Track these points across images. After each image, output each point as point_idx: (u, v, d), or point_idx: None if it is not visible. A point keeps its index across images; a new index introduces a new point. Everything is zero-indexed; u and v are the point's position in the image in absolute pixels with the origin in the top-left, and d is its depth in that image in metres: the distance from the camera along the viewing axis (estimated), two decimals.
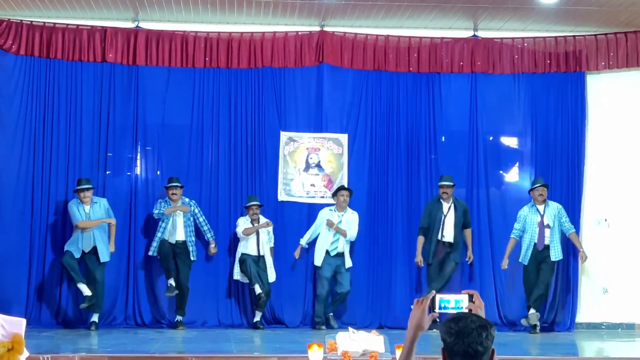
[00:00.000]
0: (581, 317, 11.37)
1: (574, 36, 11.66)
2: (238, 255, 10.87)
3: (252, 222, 10.86)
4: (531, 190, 10.88)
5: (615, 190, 11.58)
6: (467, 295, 3.49)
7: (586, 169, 11.60)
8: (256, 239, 10.83)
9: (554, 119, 11.64)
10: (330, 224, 10.85)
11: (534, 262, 10.72)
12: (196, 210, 10.85)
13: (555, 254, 10.70)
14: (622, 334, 11.04)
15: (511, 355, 7.85)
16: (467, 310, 3.42)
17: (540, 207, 10.79)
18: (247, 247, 10.83)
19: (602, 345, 10.00)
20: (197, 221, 10.87)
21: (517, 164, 11.74)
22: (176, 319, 10.75)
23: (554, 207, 10.83)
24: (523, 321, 10.68)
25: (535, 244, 10.70)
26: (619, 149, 11.64)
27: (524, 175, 11.66)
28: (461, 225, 10.87)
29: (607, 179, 11.61)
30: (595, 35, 11.63)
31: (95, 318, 10.45)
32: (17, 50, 11.07)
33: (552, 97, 11.66)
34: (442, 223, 10.79)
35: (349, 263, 10.95)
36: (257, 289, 10.59)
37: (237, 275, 10.90)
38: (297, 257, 11.05)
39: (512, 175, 11.77)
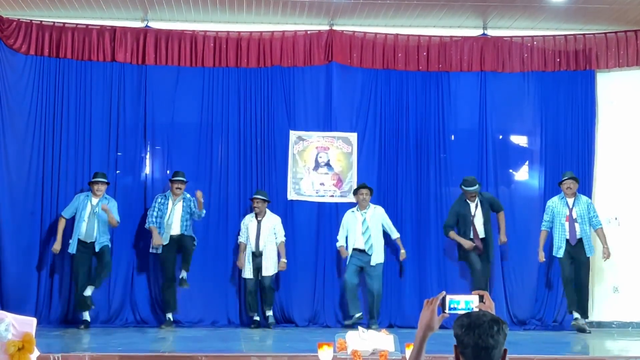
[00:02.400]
0: (592, 316, 11.31)
1: (583, 34, 11.63)
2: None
3: (255, 215, 10.87)
4: (560, 183, 10.85)
5: (625, 188, 11.55)
6: (477, 296, 3.50)
7: (596, 168, 11.58)
8: (256, 234, 10.83)
9: (564, 118, 11.61)
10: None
11: (568, 257, 10.67)
12: (193, 206, 10.79)
13: (590, 249, 10.66)
14: (632, 332, 11.01)
15: (522, 354, 7.84)
16: (477, 310, 3.42)
17: (570, 200, 10.75)
18: (248, 243, 10.83)
19: (613, 344, 9.96)
20: (192, 211, 10.84)
21: (526, 163, 11.72)
22: (181, 275, 10.70)
23: (584, 201, 10.79)
24: (573, 324, 10.61)
25: (567, 239, 10.67)
26: (629, 148, 11.61)
27: (533, 173, 11.64)
28: (489, 218, 10.84)
29: (617, 178, 11.57)
30: (605, 33, 11.60)
31: (87, 317, 10.46)
32: (27, 50, 11.10)
33: (561, 96, 11.64)
34: (472, 224, 10.80)
35: (374, 260, 10.79)
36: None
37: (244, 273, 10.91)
38: (344, 257, 10.95)
39: (522, 174, 11.75)
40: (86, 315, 10.47)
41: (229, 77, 11.42)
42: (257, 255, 10.82)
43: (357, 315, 10.60)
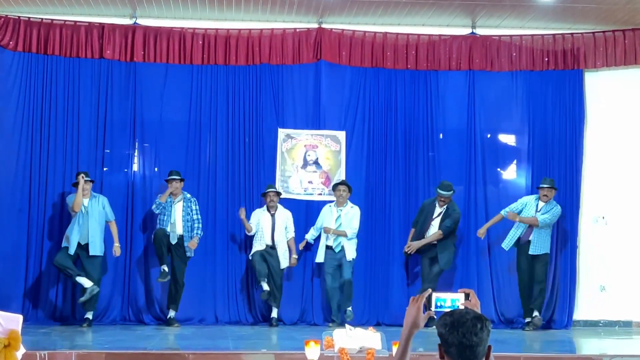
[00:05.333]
0: (578, 314, 11.38)
1: (572, 34, 11.67)
2: (252, 251, 10.89)
3: (268, 209, 10.87)
4: (538, 187, 10.89)
5: (613, 187, 11.58)
6: (463, 294, 3.50)
7: (584, 167, 11.61)
8: (271, 228, 10.83)
9: (552, 117, 11.64)
10: (327, 231, 10.85)
11: (523, 253, 10.79)
12: (194, 207, 10.81)
13: (534, 249, 10.72)
14: (619, 331, 11.06)
15: (508, 352, 7.85)
16: (460, 308, 3.43)
17: (540, 204, 10.79)
18: (261, 237, 10.81)
19: (600, 343, 10.00)
20: (192, 217, 10.81)
21: (514, 162, 11.74)
22: (169, 315, 10.68)
23: (551, 206, 10.83)
24: (528, 327, 10.67)
25: (520, 236, 10.76)
26: (617, 147, 11.65)
27: (521, 172, 11.67)
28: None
29: (605, 177, 11.61)
30: (593, 33, 11.63)
31: (89, 315, 10.42)
32: (14, 46, 11.05)
33: (550, 95, 11.66)
34: (428, 225, 10.86)
35: (349, 255, 10.87)
36: (264, 286, 10.61)
37: None
38: (300, 249, 11.04)
39: (510, 173, 11.77)
40: (89, 314, 10.43)
41: (218, 75, 11.40)
42: (270, 249, 10.83)
43: (349, 309, 10.65)
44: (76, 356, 7.44)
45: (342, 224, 10.88)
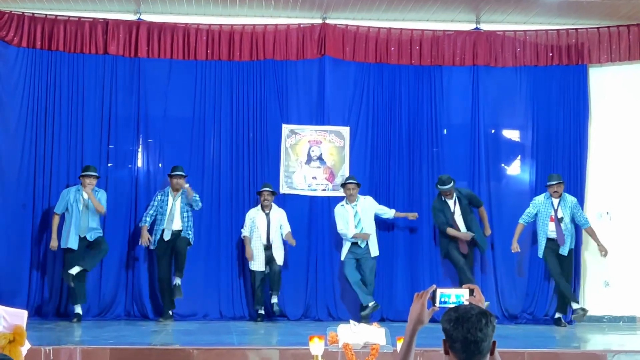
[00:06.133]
0: None
1: (576, 29, 11.65)
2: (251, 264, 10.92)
3: (262, 208, 10.87)
4: (547, 186, 10.87)
5: (617, 183, 11.57)
6: (467, 290, 3.50)
7: (588, 162, 11.59)
8: (266, 227, 10.83)
9: (556, 112, 11.63)
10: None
11: (552, 253, 10.74)
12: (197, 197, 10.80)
13: (564, 249, 10.73)
14: (623, 327, 11.04)
15: (512, 348, 7.85)
16: (465, 304, 3.42)
17: (555, 201, 10.78)
18: (258, 237, 10.80)
19: (604, 338, 9.99)
20: (188, 209, 10.80)
21: (518, 157, 11.74)
22: (174, 283, 10.61)
23: (569, 200, 10.83)
24: (575, 317, 10.72)
25: (549, 238, 10.73)
26: (621, 142, 11.63)
27: (525, 168, 11.66)
28: (469, 212, 10.86)
29: (610, 172, 11.60)
30: (597, 28, 11.61)
31: (78, 309, 10.41)
32: (19, 42, 11.06)
33: (554, 90, 11.65)
34: (453, 221, 10.82)
35: (374, 252, 10.87)
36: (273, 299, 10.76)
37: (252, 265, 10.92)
38: (366, 238, 10.90)
39: (514, 169, 11.76)
40: (78, 309, 10.44)
41: (222, 71, 11.40)
42: (267, 248, 10.84)
43: (372, 304, 10.59)
44: (81, 351, 7.45)
45: (361, 218, 10.87)
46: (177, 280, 10.61)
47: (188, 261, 10.77)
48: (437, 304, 3.47)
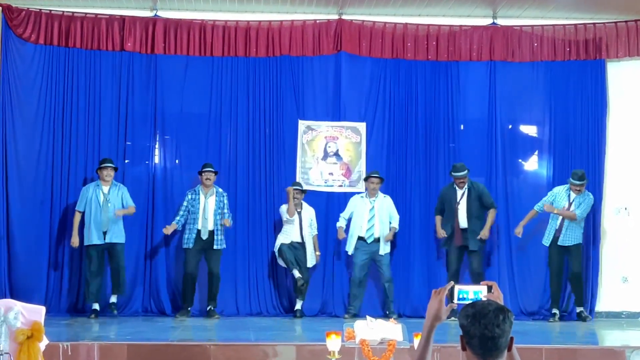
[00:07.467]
0: (601, 306, 11.32)
1: (594, 24, 11.58)
2: (277, 245, 10.88)
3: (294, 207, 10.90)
4: (571, 184, 10.79)
5: (635, 178, 11.50)
6: (485, 287, 3.49)
7: (607, 158, 11.53)
8: (299, 225, 10.83)
9: (574, 107, 11.57)
10: (388, 238, 10.86)
11: (556, 247, 10.74)
12: (225, 201, 10.80)
13: (563, 239, 10.69)
14: None
15: (530, 344, 7.83)
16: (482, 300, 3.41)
17: (573, 195, 10.73)
18: (289, 233, 10.81)
19: (622, 335, 9.95)
20: (223, 211, 10.82)
21: (535, 153, 11.69)
22: (208, 308, 10.70)
23: (584, 197, 10.77)
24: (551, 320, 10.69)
25: (556, 229, 10.71)
26: (639, 137, 11.55)
27: (542, 164, 11.61)
28: (476, 210, 10.81)
29: (628, 168, 11.53)
30: (615, 22, 11.54)
31: (96, 305, 10.46)
32: (36, 39, 11.10)
33: (571, 85, 11.59)
34: (455, 211, 10.77)
35: (383, 250, 10.88)
36: (296, 273, 10.63)
37: (280, 261, 10.93)
38: (340, 238, 11.01)
39: (531, 164, 11.72)
40: (95, 305, 10.48)
41: (238, 67, 11.41)
42: (297, 247, 10.84)
43: (354, 312, 10.64)
44: (98, 347, 7.48)
45: (375, 215, 10.86)
46: (211, 306, 10.68)
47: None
48: (455, 301, 3.46)
